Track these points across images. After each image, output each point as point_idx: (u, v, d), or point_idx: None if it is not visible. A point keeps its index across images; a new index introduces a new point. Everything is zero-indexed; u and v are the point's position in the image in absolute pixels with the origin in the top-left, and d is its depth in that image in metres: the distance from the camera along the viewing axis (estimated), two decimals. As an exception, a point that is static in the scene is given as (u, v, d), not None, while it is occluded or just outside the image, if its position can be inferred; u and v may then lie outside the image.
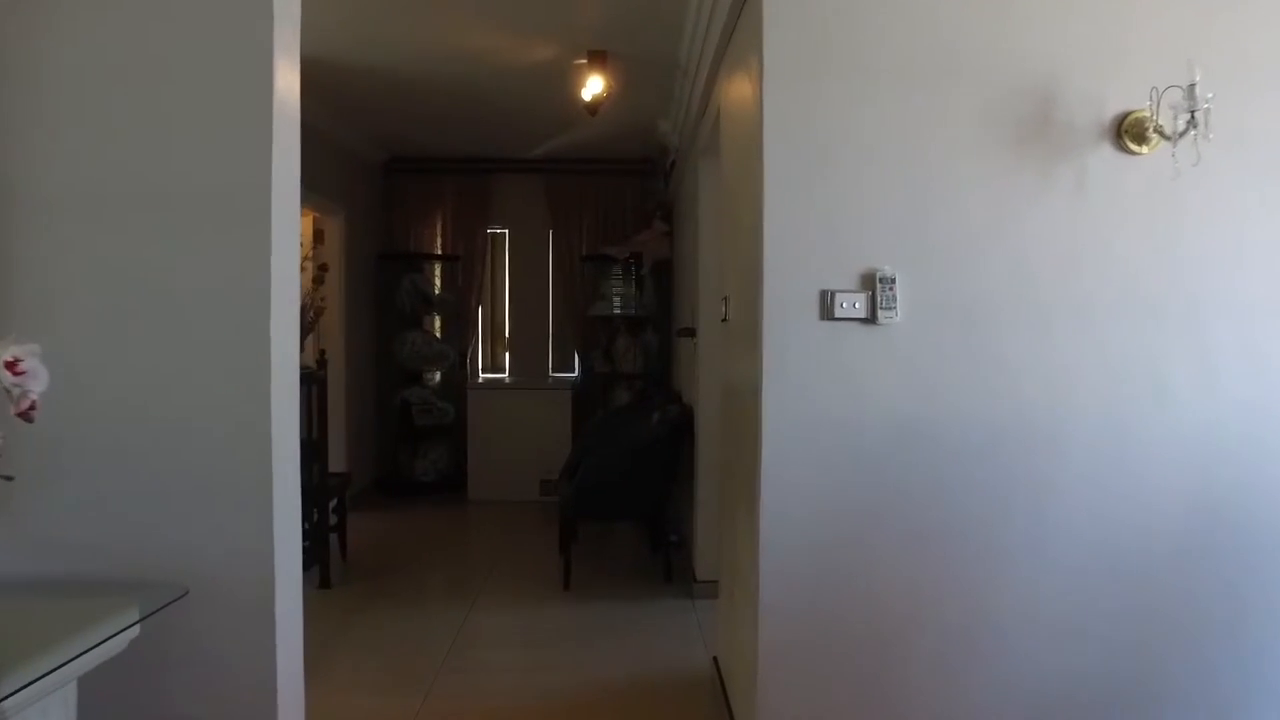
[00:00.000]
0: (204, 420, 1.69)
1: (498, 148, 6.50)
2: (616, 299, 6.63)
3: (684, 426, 4.34)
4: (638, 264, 6.44)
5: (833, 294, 2.24)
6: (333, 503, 4.64)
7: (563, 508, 4.39)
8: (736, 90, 2.81)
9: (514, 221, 7.01)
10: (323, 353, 4.21)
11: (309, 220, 5.81)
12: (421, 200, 6.81)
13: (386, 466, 6.68)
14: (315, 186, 5.38)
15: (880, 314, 2.24)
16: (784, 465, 2.25)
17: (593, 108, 4.67)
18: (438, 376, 6.90)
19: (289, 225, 1.79)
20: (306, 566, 4.09)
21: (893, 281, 2.24)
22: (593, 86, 4.29)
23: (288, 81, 1.75)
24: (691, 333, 4.27)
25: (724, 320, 2.97)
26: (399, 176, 6.80)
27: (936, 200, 2.26)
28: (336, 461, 5.79)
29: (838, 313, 2.24)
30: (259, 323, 1.69)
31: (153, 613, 1.50)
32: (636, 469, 4.29)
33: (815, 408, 2.25)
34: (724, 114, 3.16)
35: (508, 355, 7.09)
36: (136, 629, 1.45)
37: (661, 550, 4.50)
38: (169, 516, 1.69)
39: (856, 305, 2.25)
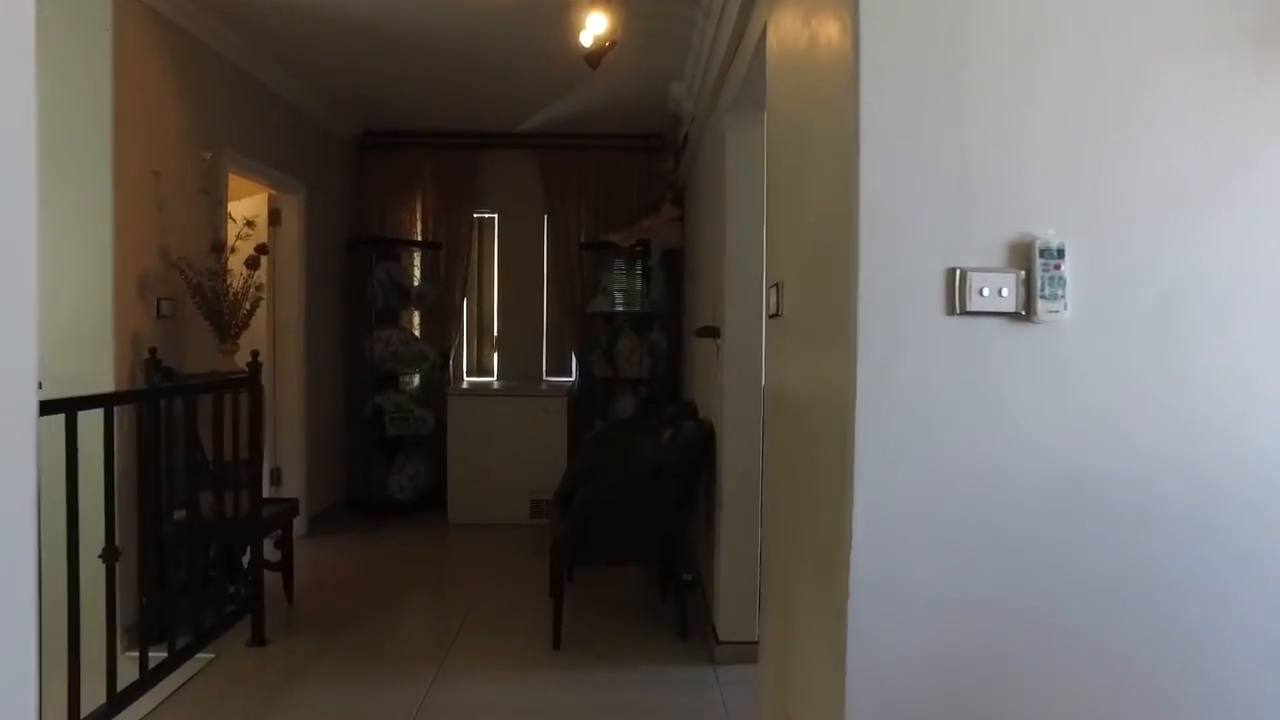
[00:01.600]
0: None
1: (485, 119, 5.68)
2: (619, 293, 5.81)
3: (702, 447, 3.53)
4: (644, 253, 5.62)
5: (964, 274, 1.44)
6: (275, 535, 3.83)
7: (554, 550, 3.58)
8: (794, 14, 2.00)
9: (504, 204, 6.19)
10: (255, 355, 3.40)
11: (263, 198, 5.00)
12: (398, 180, 5.99)
13: (357, 483, 5.87)
14: (269, 157, 4.57)
15: (1040, 306, 1.43)
16: (884, 538, 1.44)
17: (594, 57, 3.84)
18: (416, 380, 6.08)
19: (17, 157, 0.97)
20: (230, 622, 3.28)
21: (1059, 256, 1.43)
22: (594, 27, 3.47)
23: None
24: (714, 332, 3.45)
25: (773, 316, 2.15)
26: (373, 153, 5.98)
27: (1128, 130, 1.45)
28: (292, 480, 4.98)
29: (973, 303, 1.44)
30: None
31: None
32: (644, 500, 3.47)
33: (938, 449, 1.44)
34: (775, 50, 2.34)
35: (496, 356, 6.27)
36: None
37: (673, 595, 3.69)
38: None
39: (1003, 292, 1.44)
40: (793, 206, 2.00)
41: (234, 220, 3.66)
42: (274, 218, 5.03)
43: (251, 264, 3.50)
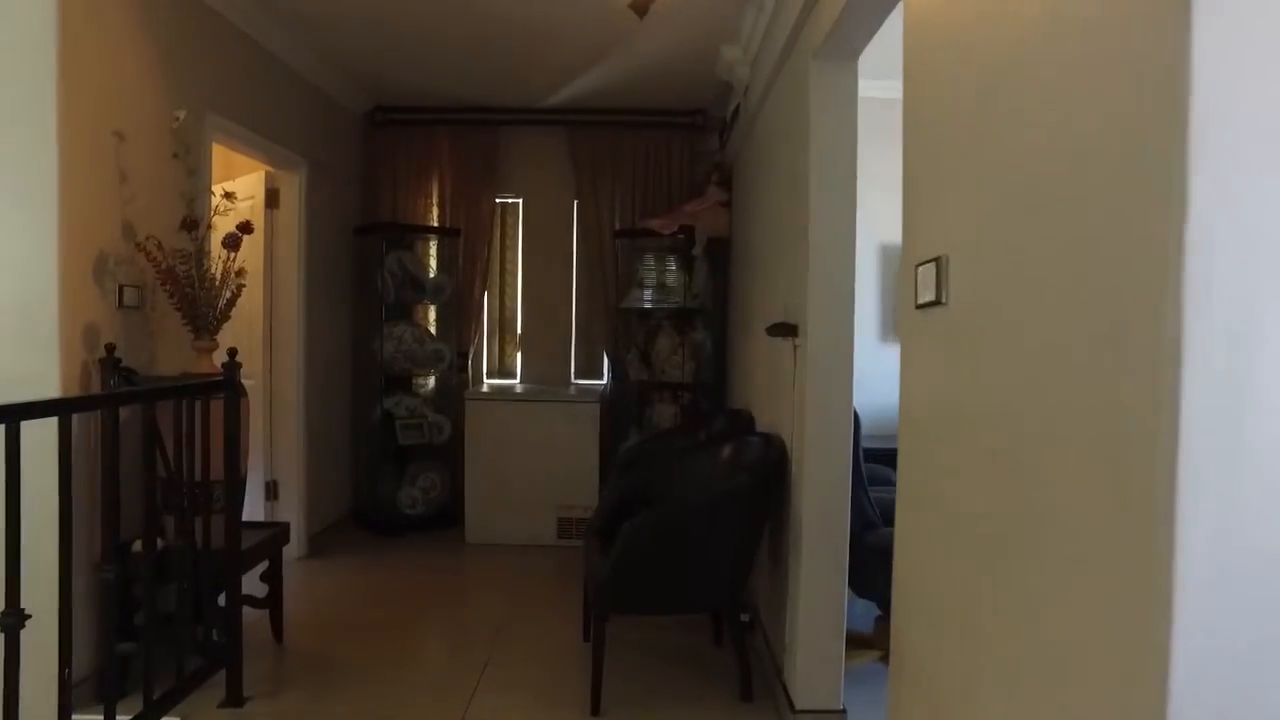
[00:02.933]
0: None
1: (510, 93, 5.08)
2: (658, 287, 5.19)
3: (773, 469, 2.89)
4: (687, 242, 5.00)
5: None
6: (262, 567, 3.24)
7: (594, 595, 2.96)
8: None
9: (530, 188, 5.59)
10: (233, 354, 2.81)
11: (259, 176, 4.42)
12: (413, 160, 5.40)
13: (364, 496, 5.28)
14: (263, 127, 3.99)
15: None
16: (1225, 656, 0.81)
17: (641, 4, 3.24)
18: (431, 382, 5.50)
19: None
20: (202, 677, 2.69)
21: None
22: (645, -41, 2.86)
23: None
24: (790, 330, 2.82)
25: (928, 304, 1.52)
26: (385, 129, 5.39)
27: None
28: (290, 495, 4.40)
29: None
30: None
31: None
32: (705, 535, 2.84)
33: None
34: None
35: (519, 356, 5.67)
36: None
37: (731, 641, 3.06)
38: None
39: None
40: (982, 138, 1.36)
41: (216, 195, 3.07)
42: (271, 199, 4.45)
43: (231, 243, 2.90)
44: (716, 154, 5.39)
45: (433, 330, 5.46)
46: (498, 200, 5.51)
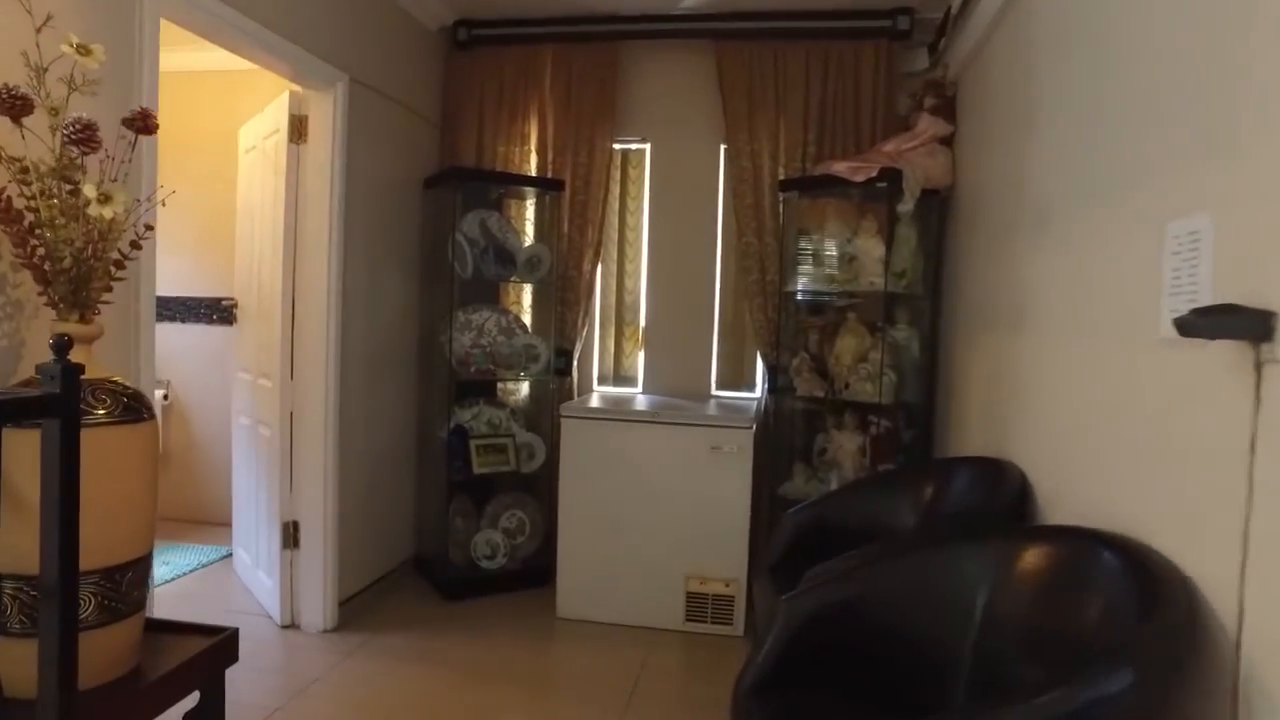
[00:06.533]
0: None
1: (635, -13, 3.62)
2: (841, 263, 3.57)
3: (1182, 657, 1.25)
4: (889, 193, 3.36)
5: None
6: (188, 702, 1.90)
7: None
8: None
9: (660, 127, 4.09)
10: (65, 346, 1.45)
11: (281, 101, 3.16)
12: (502, 89, 4.02)
13: (429, 539, 3.97)
14: (272, 18, 2.70)
15: None
16: None
17: None
18: (524, 390, 4.13)
19: None
20: None
21: None
22: None
23: None
24: (1247, 329, 1.17)
25: None
26: (471, 53, 4.05)
27: None
28: (315, 538, 3.14)
29: None
30: None
31: None
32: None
33: None
34: None
35: (641, 357, 4.20)
36: None
37: None
38: None
39: None
40: None
41: (66, 47, 1.69)
42: (296, 129, 3.17)
43: (80, 137, 1.54)
44: (929, 71, 3.72)
45: (525, 319, 4.08)
46: (616, 145, 4.05)
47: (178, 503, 4.63)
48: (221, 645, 2.00)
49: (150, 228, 1.80)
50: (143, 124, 1.65)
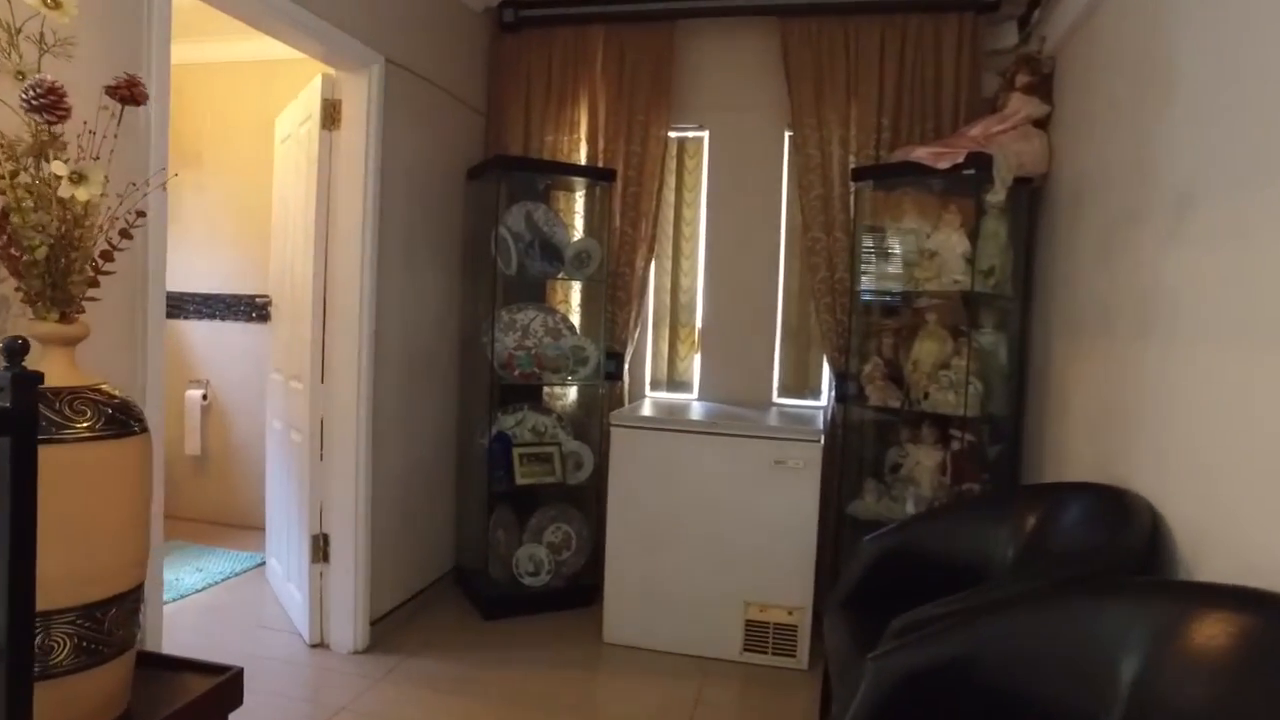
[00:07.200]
0: None
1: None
2: (920, 260, 3.23)
3: None
4: (977, 181, 3.01)
5: None
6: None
7: None
8: None
9: (720, 113, 3.79)
10: (20, 351, 1.23)
11: (314, 86, 2.95)
12: (550, 74, 3.77)
13: (469, 552, 3.74)
14: (314, 3, 2.48)
15: None
16: None
17: None
18: (571, 395, 3.87)
19: None
20: None
21: None
22: None
23: None
24: None
25: None
26: (519, 36, 3.81)
27: None
28: (346, 552, 2.92)
29: None
30: None
31: None
32: None
33: None
34: None
35: (698, 361, 3.90)
36: None
37: None
38: None
39: None
40: None
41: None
42: (329, 115, 2.96)
43: (42, 102, 1.31)
44: (1019, 47, 3.36)
45: (573, 319, 3.82)
46: (672, 133, 3.76)
47: (215, 506, 4.49)
48: (224, 687, 1.77)
49: (142, 214, 1.57)
50: (128, 92, 1.42)
